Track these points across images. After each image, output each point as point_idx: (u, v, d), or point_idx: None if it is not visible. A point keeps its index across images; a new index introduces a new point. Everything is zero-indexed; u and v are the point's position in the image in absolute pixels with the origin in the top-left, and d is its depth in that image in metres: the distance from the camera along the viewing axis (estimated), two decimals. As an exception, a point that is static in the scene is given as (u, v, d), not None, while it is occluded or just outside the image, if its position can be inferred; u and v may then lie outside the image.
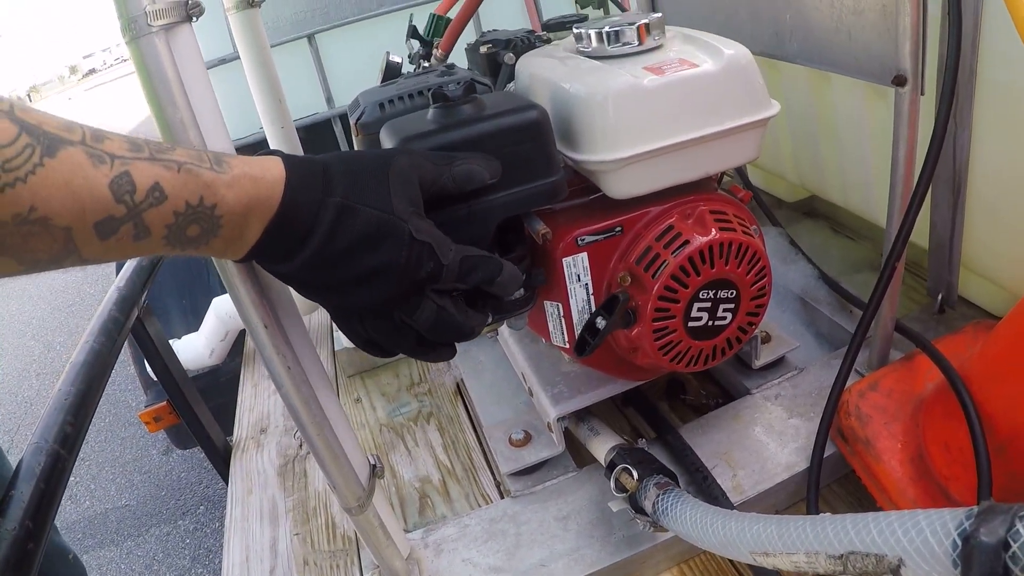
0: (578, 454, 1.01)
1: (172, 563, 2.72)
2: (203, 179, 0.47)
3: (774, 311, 1.22)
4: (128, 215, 0.44)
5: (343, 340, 1.37)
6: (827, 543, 0.51)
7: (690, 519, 0.71)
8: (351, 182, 0.55)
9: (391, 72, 1.13)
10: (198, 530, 2.85)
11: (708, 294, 0.80)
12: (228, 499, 1.15)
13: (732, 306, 0.83)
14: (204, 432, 1.32)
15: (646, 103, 0.75)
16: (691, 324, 0.81)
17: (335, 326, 0.70)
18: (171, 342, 1.44)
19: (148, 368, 2.17)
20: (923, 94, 0.83)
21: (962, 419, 0.75)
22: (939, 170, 0.94)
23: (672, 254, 0.78)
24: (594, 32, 0.83)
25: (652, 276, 0.78)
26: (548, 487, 0.97)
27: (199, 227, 0.48)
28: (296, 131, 1.45)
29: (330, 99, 3.14)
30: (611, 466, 0.85)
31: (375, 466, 0.81)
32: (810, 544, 0.53)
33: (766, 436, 0.97)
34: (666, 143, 0.76)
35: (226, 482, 1.21)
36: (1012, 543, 0.38)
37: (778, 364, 1.08)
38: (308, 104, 3.09)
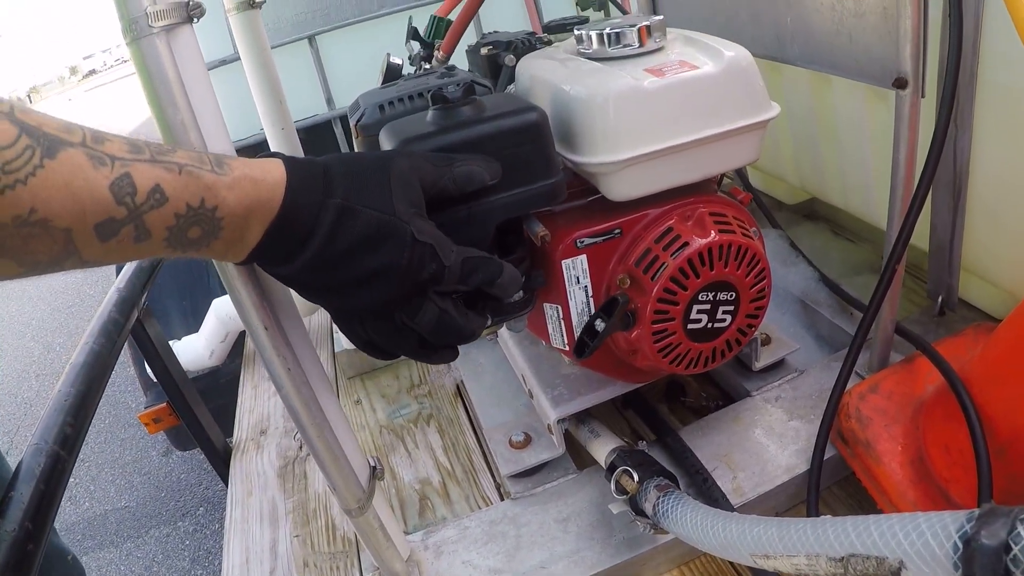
0: (578, 456, 1.01)
1: (172, 564, 2.71)
2: (204, 181, 0.47)
3: (774, 313, 1.22)
4: (129, 217, 0.44)
5: (343, 342, 1.37)
6: (828, 545, 0.51)
7: (691, 521, 0.71)
8: (352, 184, 0.55)
9: (391, 74, 1.13)
10: (198, 531, 2.85)
11: (707, 296, 0.80)
12: (228, 501, 1.15)
13: (732, 308, 0.83)
14: (204, 433, 1.32)
15: (646, 105, 0.75)
16: (690, 326, 0.81)
17: (335, 328, 0.70)
18: (171, 343, 1.44)
19: (148, 369, 2.17)
20: (924, 96, 0.83)
21: (962, 421, 0.75)
22: (939, 172, 0.94)
23: (671, 256, 0.78)
24: (595, 34, 0.83)
25: (651, 278, 0.78)
26: (548, 489, 0.97)
27: (200, 229, 0.48)
28: (296, 132, 1.45)
29: (330, 100, 3.13)
30: (611, 468, 0.85)
31: (375, 468, 0.81)
32: (811, 547, 0.53)
33: (766, 438, 0.97)
34: (666, 145, 0.76)
35: (226, 484, 1.21)
36: (1013, 546, 0.38)
37: (778, 366, 1.08)
38: (308, 105, 3.09)
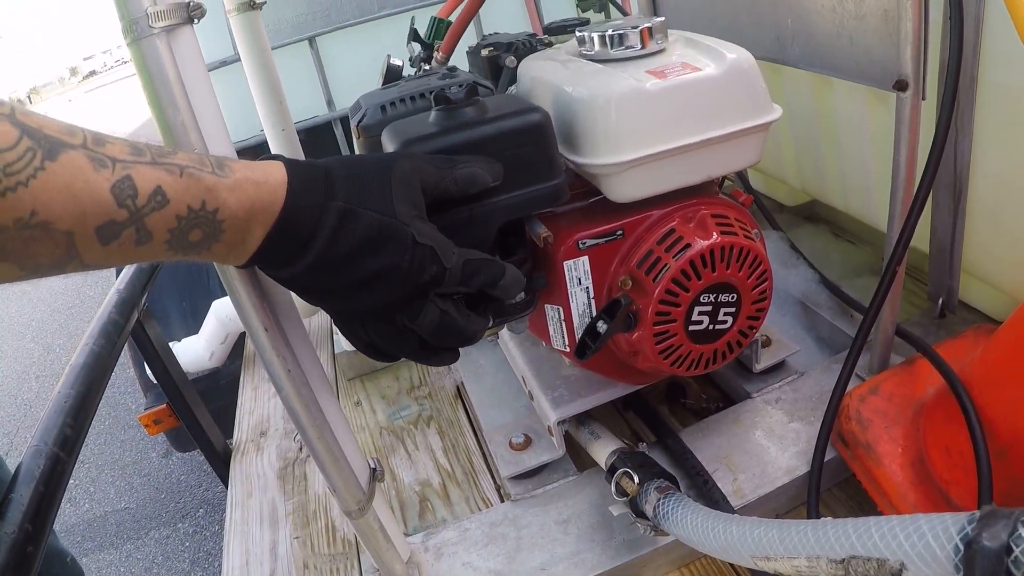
0: (578, 458, 1.00)
1: (172, 566, 2.71)
2: (205, 183, 0.47)
3: (775, 315, 1.22)
4: (130, 219, 0.43)
5: (343, 343, 1.37)
6: (829, 547, 0.51)
7: (691, 523, 0.71)
8: (353, 186, 0.55)
9: (392, 75, 1.13)
10: (197, 533, 2.85)
11: (709, 298, 0.80)
12: (228, 502, 1.15)
13: (733, 310, 0.83)
14: (204, 435, 1.32)
15: (648, 106, 0.75)
16: (692, 328, 0.81)
17: (335, 329, 0.70)
18: (171, 345, 1.43)
19: (148, 371, 2.16)
20: (924, 99, 0.83)
21: (963, 423, 0.75)
22: (940, 174, 0.94)
23: (673, 258, 0.78)
24: (597, 35, 0.83)
25: (653, 280, 0.78)
26: (548, 491, 0.97)
27: (201, 231, 0.48)
28: (297, 133, 1.45)
29: (331, 102, 3.14)
30: (612, 470, 0.85)
31: (375, 469, 0.81)
32: (811, 548, 0.53)
33: (767, 440, 0.97)
34: (668, 147, 0.76)
35: (226, 485, 1.21)
36: (1014, 547, 0.38)
37: (779, 368, 1.08)
38: (309, 107, 3.09)
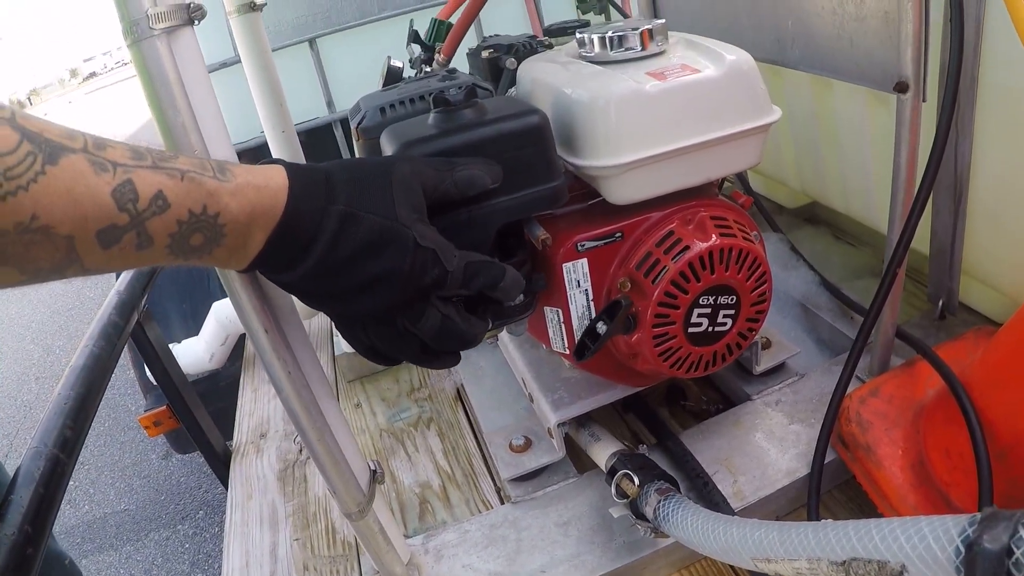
0: (578, 460, 1.00)
1: (171, 568, 2.71)
2: (206, 187, 0.47)
3: (775, 317, 1.22)
4: (131, 223, 0.43)
5: (343, 345, 1.37)
6: (829, 549, 0.51)
7: (691, 525, 0.71)
8: (354, 190, 0.55)
9: (392, 77, 1.13)
10: (197, 535, 2.85)
11: (708, 300, 0.80)
12: (228, 504, 1.15)
13: (732, 312, 0.83)
14: (204, 437, 1.32)
15: (648, 108, 0.75)
16: (691, 330, 0.81)
17: (335, 331, 0.70)
18: (171, 346, 1.43)
19: (148, 372, 2.16)
20: (925, 100, 0.83)
21: (963, 425, 0.75)
22: (940, 176, 0.94)
23: (672, 260, 0.78)
24: (597, 37, 0.83)
25: (652, 282, 0.78)
26: (549, 493, 0.97)
27: (202, 236, 0.48)
28: (297, 135, 1.45)
29: (331, 103, 3.14)
30: (612, 472, 0.85)
31: (375, 471, 0.81)
32: (812, 550, 0.53)
33: (767, 442, 0.96)
34: (668, 148, 0.76)
35: (226, 487, 1.21)
36: (1015, 549, 0.38)
37: (779, 370, 1.08)
38: (309, 108, 3.10)
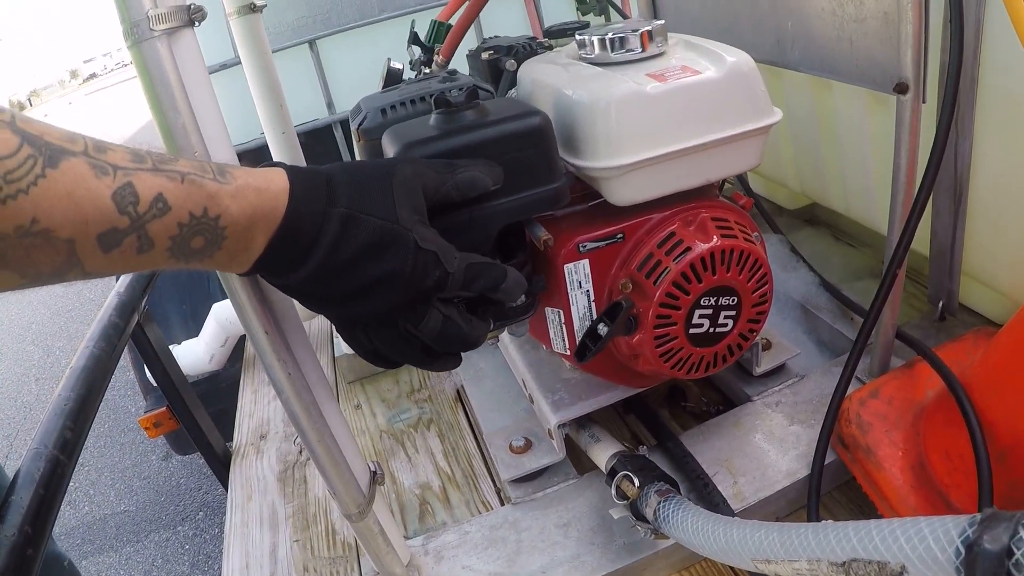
0: (579, 461, 1.00)
1: (171, 569, 2.71)
2: (207, 190, 0.47)
3: (775, 318, 1.22)
4: (132, 227, 0.43)
5: (343, 346, 1.37)
6: (829, 550, 0.51)
7: (691, 526, 0.71)
8: (355, 192, 0.55)
9: (392, 78, 1.13)
10: (197, 536, 2.85)
11: (709, 301, 0.80)
12: (228, 505, 1.15)
13: (733, 313, 0.83)
14: (204, 438, 1.32)
15: (649, 110, 0.75)
16: (692, 331, 0.81)
17: (335, 332, 0.70)
18: (171, 347, 1.43)
19: (148, 374, 2.16)
20: (925, 102, 0.83)
21: (963, 427, 0.75)
22: (940, 177, 0.94)
23: (674, 261, 0.78)
24: (597, 38, 0.83)
25: (654, 283, 0.78)
26: (549, 494, 0.97)
27: (203, 238, 0.47)
28: (297, 136, 1.45)
29: (331, 105, 3.14)
30: (612, 473, 0.85)
31: (375, 473, 0.81)
32: (812, 551, 0.53)
33: (767, 443, 0.96)
34: (668, 150, 0.76)
35: (226, 488, 1.21)
36: (1015, 550, 0.38)
37: (779, 371, 1.08)
38: (309, 110, 3.10)
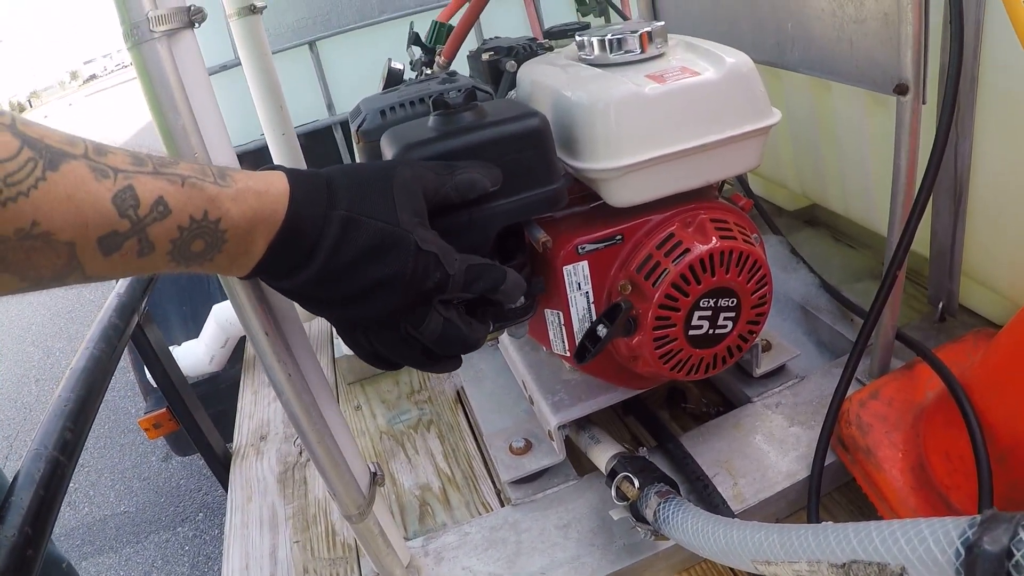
0: (579, 462, 1.00)
1: (171, 570, 2.71)
2: (207, 193, 0.47)
3: (775, 319, 1.22)
4: (132, 230, 0.43)
5: (343, 347, 1.37)
6: (829, 552, 0.51)
7: (691, 527, 0.71)
8: (355, 195, 0.55)
9: (392, 79, 1.13)
10: (197, 537, 2.85)
11: (709, 302, 0.80)
12: (228, 506, 1.15)
13: (733, 314, 0.83)
14: (204, 439, 1.32)
15: (648, 111, 0.75)
16: (692, 332, 0.81)
17: (336, 333, 0.70)
18: (171, 349, 1.44)
19: (148, 375, 2.17)
20: (925, 103, 0.83)
21: (963, 428, 0.75)
22: (940, 178, 0.94)
23: (673, 262, 0.78)
24: (597, 40, 0.83)
25: (653, 284, 0.78)
26: (549, 495, 0.97)
27: (204, 242, 0.47)
28: (297, 138, 1.45)
29: (331, 106, 3.14)
30: (612, 474, 0.85)
31: (375, 474, 0.81)
32: (812, 553, 0.53)
33: (767, 444, 0.96)
34: (668, 151, 0.76)
35: (226, 489, 1.21)
36: (1015, 552, 0.38)
37: (779, 372, 1.08)
38: (309, 111, 3.10)
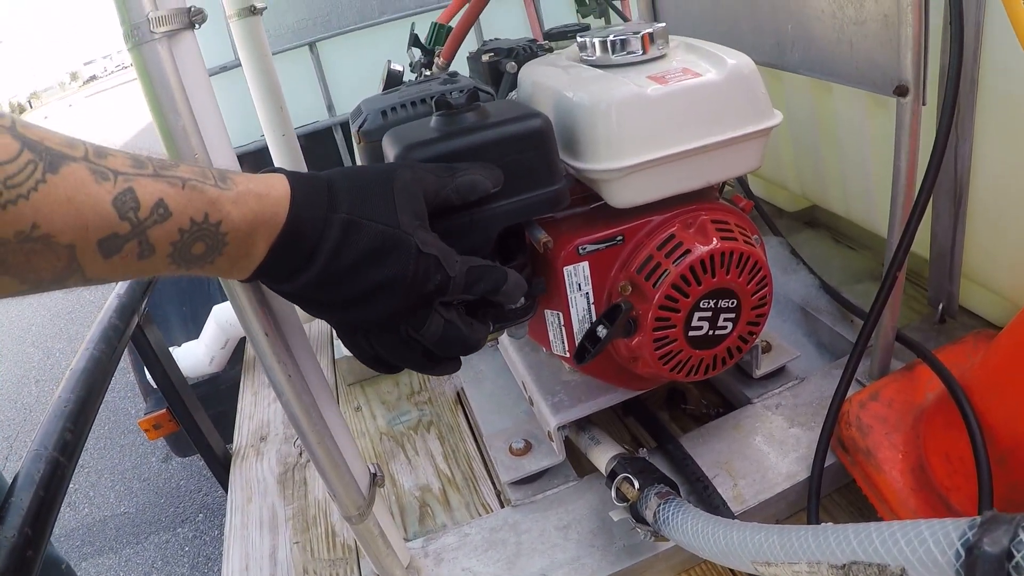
0: (578, 463, 1.00)
1: (171, 571, 2.71)
2: (208, 196, 0.47)
3: (775, 321, 1.22)
4: (132, 232, 0.43)
5: (343, 348, 1.37)
6: (830, 553, 0.51)
7: (691, 528, 0.71)
8: (356, 197, 0.55)
9: (393, 80, 1.13)
10: (197, 538, 2.84)
11: (709, 303, 0.80)
12: (228, 507, 1.15)
13: (733, 315, 0.83)
14: (204, 440, 1.32)
15: (649, 112, 0.75)
16: (692, 333, 0.81)
17: (336, 334, 0.70)
18: (171, 349, 1.44)
19: (148, 375, 2.17)
20: (925, 104, 0.83)
21: (963, 429, 0.75)
22: (940, 180, 0.94)
23: (673, 263, 0.78)
24: (598, 41, 0.83)
25: (653, 285, 0.78)
26: (548, 496, 0.97)
27: (204, 244, 0.47)
28: (297, 139, 1.45)
29: (331, 107, 3.14)
30: (612, 475, 0.85)
31: (375, 475, 0.81)
32: (812, 554, 0.53)
33: (767, 446, 0.96)
34: (669, 152, 0.76)
35: (226, 490, 1.21)
36: (1015, 553, 0.38)
37: (779, 374, 1.08)
38: (309, 112, 3.09)
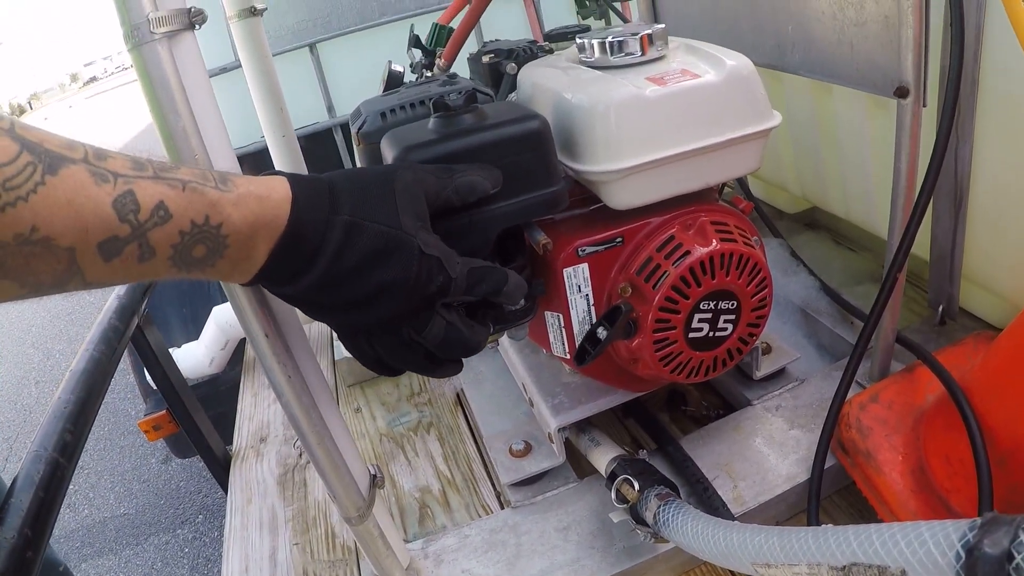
0: (578, 465, 1.00)
1: (171, 572, 2.71)
2: (208, 198, 0.47)
3: (775, 322, 1.22)
4: (133, 235, 0.43)
5: (343, 350, 1.37)
6: (830, 554, 0.51)
7: (691, 530, 0.71)
8: (357, 199, 0.54)
9: (393, 81, 1.13)
10: (197, 539, 2.84)
11: (709, 305, 0.80)
12: (227, 508, 1.15)
13: (733, 317, 0.83)
14: (204, 441, 1.32)
15: (648, 113, 0.75)
16: (692, 335, 0.81)
17: (336, 335, 0.70)
18: (171, 351, 1.43)
19: (148, 377, 2.17)
20: (925, 105, 0.83)
21: (963, 431, 0.75)
22: (940, 181, 0.94)
23: (673, 265, 0.78)
24: (597, 42, 0.83)
25: (653, 287, 0.78)
26: (548, 498, 0.97)
27: (205, 247, 0.47)
28: (297, 140, 1.45)
29: (331, 108, 3.14)
30: (612, 477, 0.85)
31: (375, 476, 0.81)
32: (812, 555, 0.53)
33: (767, 447, 0.96)
34: (668, 154, 0.76)
35: (225, 491, 1.21)
36: (1016, 554, 0.38)
37: (779, 375, 1.08)
38: (309, 113, 3.10)
